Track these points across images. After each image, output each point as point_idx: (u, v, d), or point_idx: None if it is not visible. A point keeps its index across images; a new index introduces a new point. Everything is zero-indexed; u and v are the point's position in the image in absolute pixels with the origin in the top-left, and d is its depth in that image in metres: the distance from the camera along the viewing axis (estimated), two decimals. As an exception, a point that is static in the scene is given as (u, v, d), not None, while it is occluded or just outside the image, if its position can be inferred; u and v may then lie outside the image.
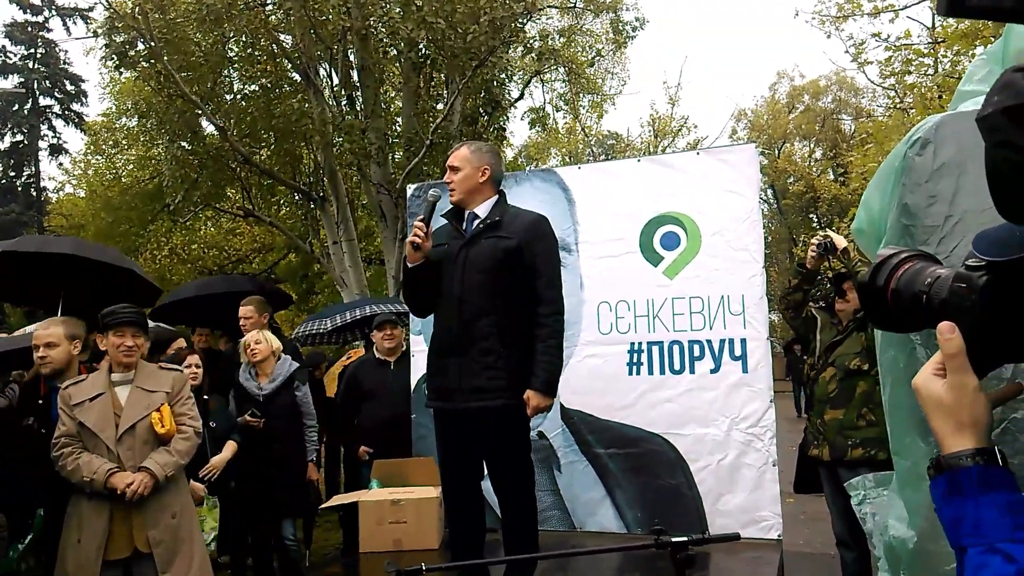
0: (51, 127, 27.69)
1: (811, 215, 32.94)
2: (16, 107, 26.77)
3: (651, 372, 4.12)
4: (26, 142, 27.12)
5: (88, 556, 3.08)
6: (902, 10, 11.85)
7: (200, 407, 3.87)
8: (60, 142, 27.63)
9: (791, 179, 30.58)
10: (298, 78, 11.08)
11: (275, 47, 10.70)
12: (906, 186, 1.69)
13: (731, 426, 3.92)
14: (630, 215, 4.25)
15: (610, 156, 22.78)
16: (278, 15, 10.38)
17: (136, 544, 3.17)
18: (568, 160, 20.46)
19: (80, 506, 3.17)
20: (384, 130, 10.77)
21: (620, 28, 15.49)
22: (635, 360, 4.15)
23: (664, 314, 4.13)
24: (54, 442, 3.18)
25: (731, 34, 67.09)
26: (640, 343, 4.16)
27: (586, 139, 21.49)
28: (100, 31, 10.44)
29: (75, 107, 27.68)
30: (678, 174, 4.21)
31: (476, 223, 3.15)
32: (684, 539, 1.74)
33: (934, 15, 12.86)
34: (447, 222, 3.25)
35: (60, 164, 26.32)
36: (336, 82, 11.51)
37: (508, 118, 13.18)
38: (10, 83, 26.00)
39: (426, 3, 8.85)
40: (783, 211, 32.82)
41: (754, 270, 3.98)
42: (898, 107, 13.51)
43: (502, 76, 12.00)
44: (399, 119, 11.58)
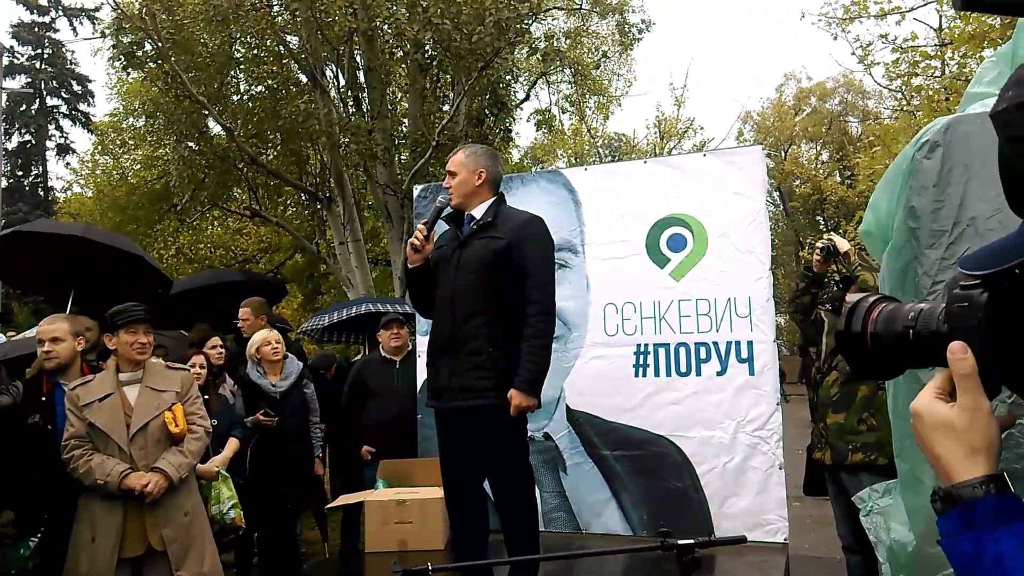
0: (58, 127, 27.89)
1: (818, 217, 32.89)
2: (23, 107, 26.95)
3: (657, 374, 4.11)
4: (33, 142, 27.29)
5: (103, 555, 3.09)
6: (909, 12, 11.80)
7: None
8: (67, 142, 27.85)
9: (798, 181, 30.55)
10: (305, 79, 11.10)
11: (282, 48, 10.72)
12: (913, 189, 1.68)
13: (737, 429, 3.91)
14: (636, 217, 4.23)
15: (616, 158, 22.77)
16: (285, 16, 10.41)
17: (150, 542, 3.18)
18: (574, 162, 20.43)
19: (92, 505, 3.17)
20: (390, 131, 10.80)
21: (626, 30, 15.50)
22: (641, 362, 4.14)
23: (671, 316, 4.12)
24: (64, 444, 3.18)
25: (737, 36, 67.11)
26: (646, 345, 4.14)
27: (592, 140, 21.47)
28: (108, 32, 10.51)
29: (82, 107, 27.87)
30: (685, 176, 4.20)
31: (471, 224, 3.19)
32: (690, 541, 1.73)
33: (940, 17, 12.82)
34: (448, 226, 3.30)
35: (67, 164, 26.59)
36: (342, 83, 11.55)
37: (514, 119, 13.19)
38: (17, 83, 26.12)
39: (432, 4, 8.87)
40: (790, 213, 32.77)
41: (761, 272, 3.96)
42: (905, 109, 13.47)
43: (508, 77, 12.02)
44: (405, 120, 11.61)
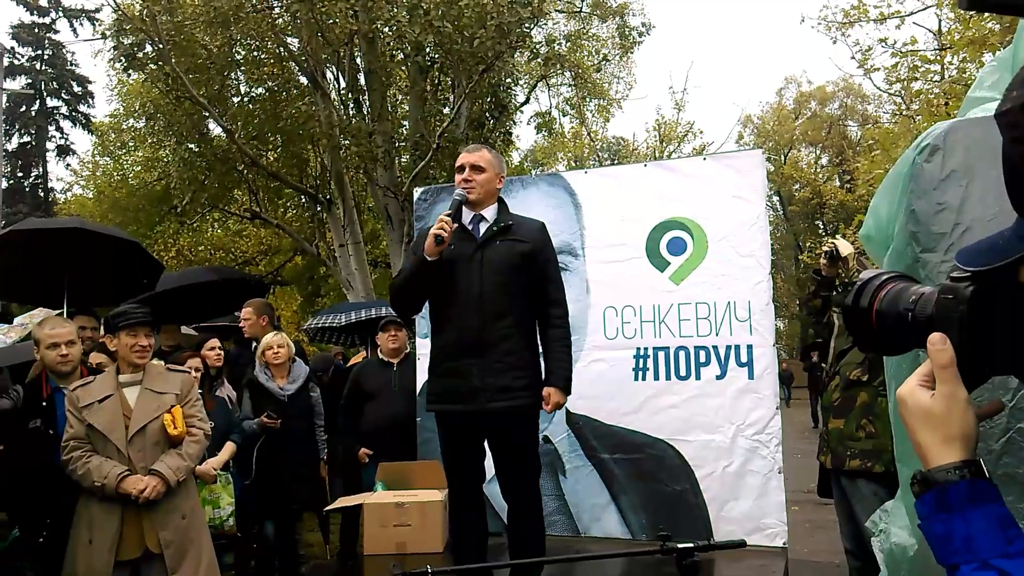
0: (58, 128, 27.84)
1: (817, 222, 32.92)
2: (24, 108, 26.92)
3: (657, 378, 4.11)
4: (33, 143, 27.27)
5: (100, 557, 3.08)
6: (908, 16, 11.82)
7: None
8: (67, 143, 27.79)
9: (797, 185, 30.55)
10: (305, 81, 11.12)
11: (282, 50, 10.73)
12: (914, 192, 1.68)
13: (737, 433, 3.91)
14: (636, 220, 4.23)
15: (616, 161, 22.78)
16: (285, 18, 10.42)
17: (148, 545, 3.17)
18: (574, 165, 20.45)
19: (90, 507, 3.16)
20: (391, 133, 10.81)
21: (627, 33, 15.51)
22: (641, 365, 4.14)
23: (670, 319, 4.12)
24: (63, 445, 3.17)
25: (737, 39, 67.19)
26: (646, 348, 4.14)
27: (592, 144, 21.49)
28: (108, 33, 10.52)
29: (82, 108, 27.84)
30: (685, 179, 4.20)
31: (487, 226, 3.16)
32: (690, 545, 1.74)
33: (940, 21, 12.85)
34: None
35: (68, 165, 26.55)
36: (343, 85, 11.57)
37: (514, 122, 13.22)
38: (17, 84, 26.11)
39: (433, 7, 8.88)
40: (789, 217, 32.79)
41: (760, 276, 3.96)
42: (904, 114, 13.47)
43: (508, 80, 12.05)
44: (406, 123, 11.63)
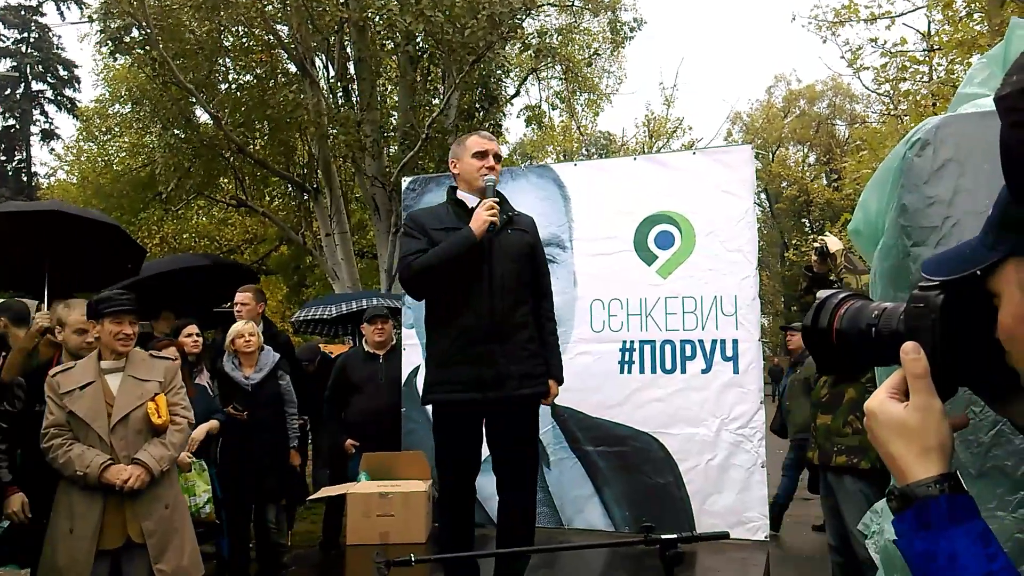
0: (43, 112, 27.51)
1: (803, 219, 33.10)
2: (8, 91, 26.58)
3: (643, 371, 4.12)
4: (18, 127, 26.93)
5: (81, 547, 3.01)
6: (898, 16, 11.89)
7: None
8: (52, 127, 27.48)
9: (784, 183, 30.66)
10: (294, 69, 11.02)
11: (271, 37, 10.61)
12: (905, 187, 1.68)
13: (721, 427, 3.93)
14: (625, 213, 4.23)
15: (605, 155, 22.77)
16: (275, 4, 10.33)
17: (130, 534, 3.11)
18: (563, 158, 20.41)
19: (71, 495, 3.09)
20: (379, 123, 10.74)
21: (618, 28, 15.49)
22: (627, 359, 4.15)
23: (657, 313, 4.12)
24: (43, 432, 3.10)
25: (727, 37, 67.34)
26: (632, 342, 4.15)
27: (581, 138, 21.46)
28: (95, 16, 10.38)
29: (68, 92, 27.50)
30: (674, 173, 4.20)
31: (502, 215, 3.13)
32: (673, 537, 1.73)
33: (930, 23, 12.91)
34: (448, 207, 3.18)
35: (52, 150, 26.23)
36: (332, 74, 11.48)
37: (504, 114, 13.17)
38: (2, 67, 25.79)
39: (424, -4, 8.82)
40: (776, 215, 32.94)
41: (747, 271, 3.98)
42: (892, 114, 13.55)
43: (499, 72, 11.99)
44: (395, 112, 11.54)
